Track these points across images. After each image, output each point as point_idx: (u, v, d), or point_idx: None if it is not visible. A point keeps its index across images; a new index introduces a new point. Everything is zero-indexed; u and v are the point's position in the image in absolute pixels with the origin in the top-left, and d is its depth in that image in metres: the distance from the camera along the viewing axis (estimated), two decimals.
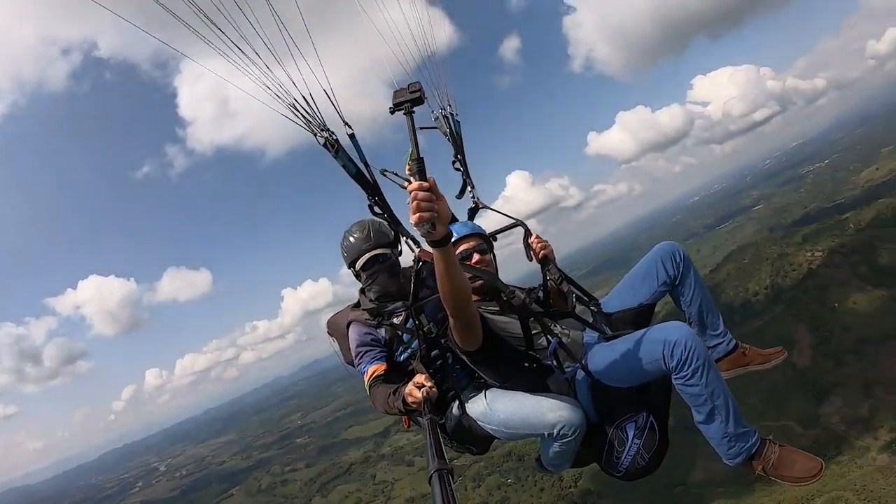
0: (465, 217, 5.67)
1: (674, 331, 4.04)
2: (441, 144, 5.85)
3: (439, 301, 4.17)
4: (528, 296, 4.90)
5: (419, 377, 4.35)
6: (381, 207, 4.77)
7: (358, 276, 5.54)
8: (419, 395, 4.20)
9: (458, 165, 5.68)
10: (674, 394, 4.46)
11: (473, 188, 5.67)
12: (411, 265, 5.39)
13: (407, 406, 4.41)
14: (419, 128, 4.54)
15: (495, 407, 4.78)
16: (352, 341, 5.32)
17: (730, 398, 4.10)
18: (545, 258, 5.25)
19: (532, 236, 5.33)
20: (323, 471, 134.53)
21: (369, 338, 5.25)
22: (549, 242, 5.38)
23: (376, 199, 4.70)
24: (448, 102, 5.51)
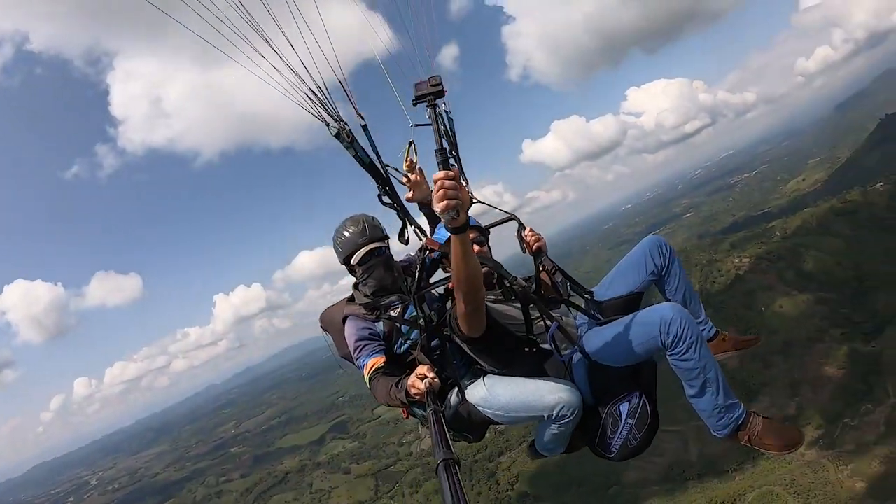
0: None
1: (668, 310, 4.26)
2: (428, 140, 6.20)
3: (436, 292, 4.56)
4: (528, 283, 5.08)
5: (421, 368, 4.34)
6: (392, 198, 4.87)
7: (352, 272, 5.53)
8: (422, 387, 4.20)
9: (452, 161, 5.52)
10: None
11: (468, 183, 5.75)
12: (412, 255, 5.83)
13: (410, 398, 4.42)
14: (414, 125, 5.00)
15: (495, 392, 4.86)
16: (349, 336, 5.30)
17: (719, 372, 4.34)
18: (538, 250, 5.43)
19: (526, 229, 5.52)
20: (258, 480, 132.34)
21: (367, 332, 5.24)
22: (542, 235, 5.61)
23: (387, 190, 4.81)
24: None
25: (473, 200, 5.53)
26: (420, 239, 5.09)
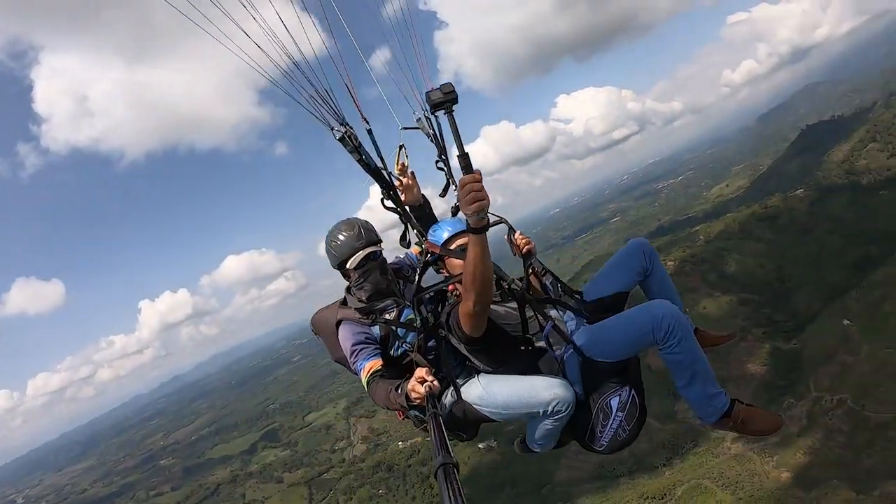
0: (449, 215, 5.80)
1: (660, 307, 4.46)
2: (421, 143, 6.10)
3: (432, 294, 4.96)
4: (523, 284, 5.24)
5: (421, 371, 4.36)
6: (395, 202, 5.06)
7: (346, 276, 5.53)
8: (423, 391, 4.22)
9: (442, 165, 5.84)
10: None
11: (458, 187, 5.88)
12: (401, 258, 6.01)
13: (410, 402, 4.40)
14: (403, 128, 5.22)
15: (492, 390, 4.90)
16: (344, 340, 5.29)
17: (707, 364, 4.56)
18: (528, 252, 5.48)
19: (516, 233, 5.54)
20: (190, 493, 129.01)
21: (363, 336, 5.24)
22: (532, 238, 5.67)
23: (390, 194, 5.02)
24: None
25: None
26: (421, 243, 5.24)
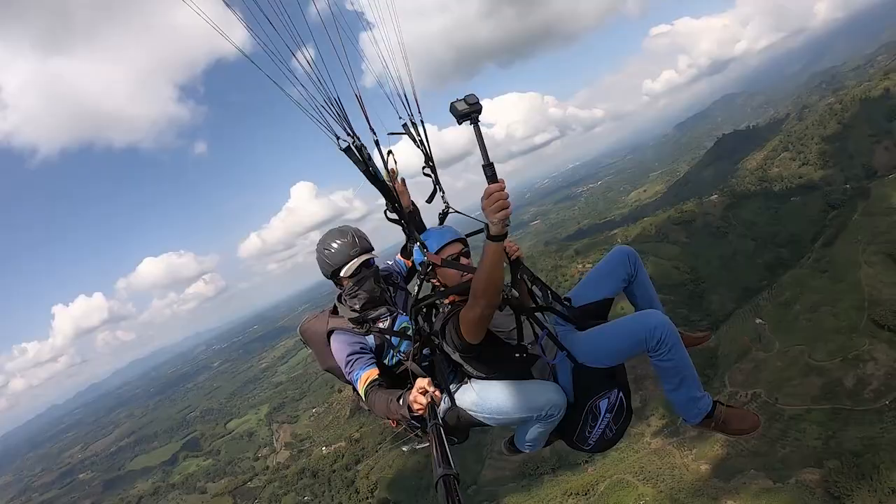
0: (436, 221, 5.74)
1: (653, 317, 4.60)
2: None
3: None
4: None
5: (422, 383, 4.26)
6: (398, 213, 5.03)
7: (338, 284, 5.44)
8: (425, 402, 4.16)
9: (428, 171, 5.63)
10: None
11: (444, 193, 5.70)
12: (390, 264, 6.02)
13: (412, 413, 4.32)
14: (389, 133, 5.11)
15: (487, 396, 4.90)
16: (338, 351, 5.22)
17: (693, 369, 4.74)
18: (517, 259, 5.49)
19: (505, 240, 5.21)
20: None
21: (358, 346, 5.19)
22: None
23: (395, 207, 5.00)
24: (418, 110, 5.45)
25: (451, 210, 5.68)
26: (424, 254, 5.04)
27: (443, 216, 5.61)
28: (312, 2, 4.50)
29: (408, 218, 5.17)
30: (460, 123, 4.00)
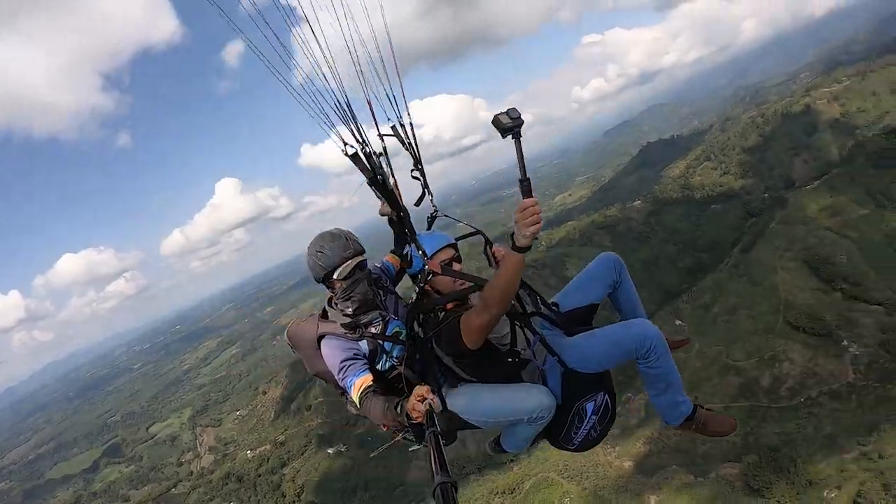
0: (425, 226, 5.73)
1: (643, 326, 4.68)
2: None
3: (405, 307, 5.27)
4: None
5: (421, 390, 4.22)
6: (403, 222, 5.12)
7: (330, 287, 5.27)
8: (423, 409, 4.07)
9: (417, 174, 5.58)
10: None
11: (433, 197, 5.67)
12: (377, 266, 5.82)
13: (411, 420, 4.24)
14: (379, 135, 5.09)
15: (478, 400, 4.98)
16: (330, 357, 5.10)
17: (678, 375, 4.89)
18: None
19: (493, 245, 5.53)
20: None
21: (351, 352, 5.07)
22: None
23: (400, 215, 5.09)
24: (407, 112, 5.37)
25: (439, 214, 5.70)
26: (425, 261, 5.07)
27: (431, 220, 5.66)
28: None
29: (410, 225, 5.19)
30: (504, 137, 4.03)
